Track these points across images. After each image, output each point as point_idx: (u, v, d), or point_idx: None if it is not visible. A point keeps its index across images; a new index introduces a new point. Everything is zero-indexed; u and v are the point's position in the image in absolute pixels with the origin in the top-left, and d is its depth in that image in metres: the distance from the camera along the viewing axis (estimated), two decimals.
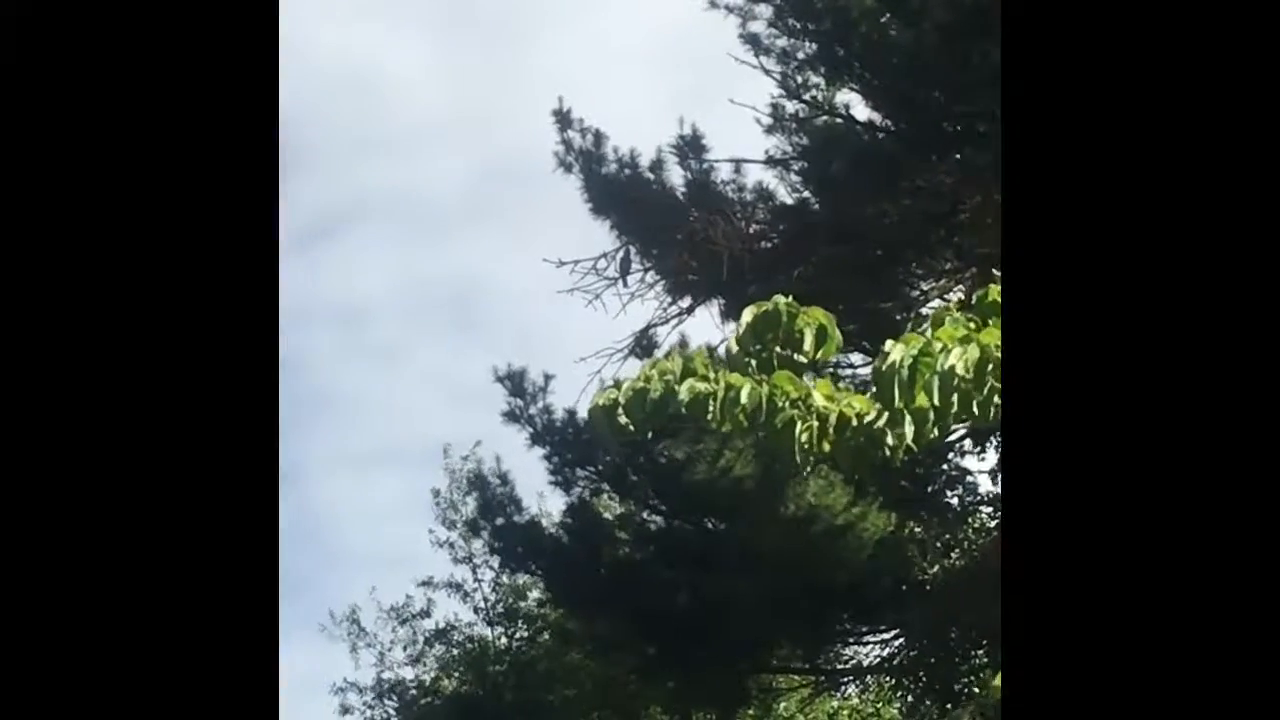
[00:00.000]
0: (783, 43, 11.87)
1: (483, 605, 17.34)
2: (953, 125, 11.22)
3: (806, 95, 11.98)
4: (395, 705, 17.48)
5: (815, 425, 3.40)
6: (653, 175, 11.51)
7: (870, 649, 12.65)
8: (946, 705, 11.81)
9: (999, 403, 3.30)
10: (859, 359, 11.23)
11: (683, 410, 3.49)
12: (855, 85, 11.70)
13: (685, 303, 11.17)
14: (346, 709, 17.77)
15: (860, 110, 11.73)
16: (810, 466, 3.42)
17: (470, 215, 31.92)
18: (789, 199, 11.64)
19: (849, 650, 12.80)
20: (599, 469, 12.22)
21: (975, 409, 3.32)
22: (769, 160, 11.60)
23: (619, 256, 11.21)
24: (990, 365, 3.25)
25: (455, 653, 17.42)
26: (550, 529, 12.74)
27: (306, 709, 18.12)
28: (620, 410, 3.54)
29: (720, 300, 10.94)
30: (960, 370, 3.28)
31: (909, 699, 12.91)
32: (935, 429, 3.38)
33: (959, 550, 12.44)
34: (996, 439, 10.34)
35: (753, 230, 10.84)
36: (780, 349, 3.55)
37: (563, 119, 11.84)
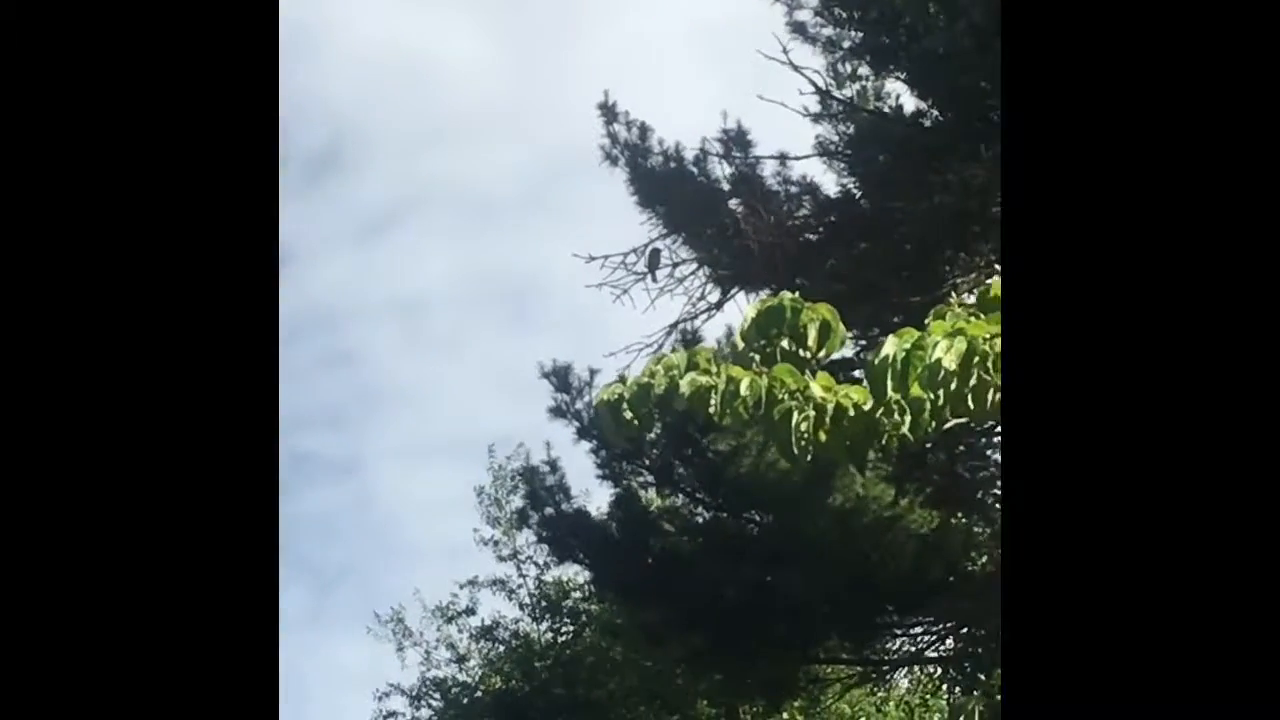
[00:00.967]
0: (829, 32, 11.85)
1: (528, 601, 17.37)
2: (997, 116, 11.17)
3: (853, 86, 11.95)
4: (441, 704, 17.52)
5: (812, 415, 3.42)
6: (696, 168, 11.52)
7: (918, 640, 12.63)
8: (993, 697, 11.76)
9: (990, 396, 3.31)
10: None
11: (685, 404, 3.52)
12: (901, 75, 11.67)
13: (714, 297, 11.18)
14: (391, 713, 17.81)
15: (907, 100, 11.71)
16: (810, 456, 3.43)
17: (527, 206, 32.02)
18: (834, 190, 11.63)
19: (896, 642, 12.76)
20: (646, 462, 12.26)
21: (970, 402, 3.33)
22: (814, 152, 11.57)
23: (648, 252, 11.22)
24: (976, 357, 3.27)
25: (501, 649, 17.47)
26: (598, 519, 12.79)
27: (355, 705, 18.19)
28: (625, 405, 3.57)
29: (754, 294, 10.94)
30: (947, 363, 3.30)
31: (957, 690, 12.87)
32: (932, 421, 3.40)
33: None
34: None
35: (791, 223, 10.82)
36: (785, 344, 3.58)
37: (608, 112, 11.87)
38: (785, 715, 14.73)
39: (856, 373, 10.23)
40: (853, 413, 3.41)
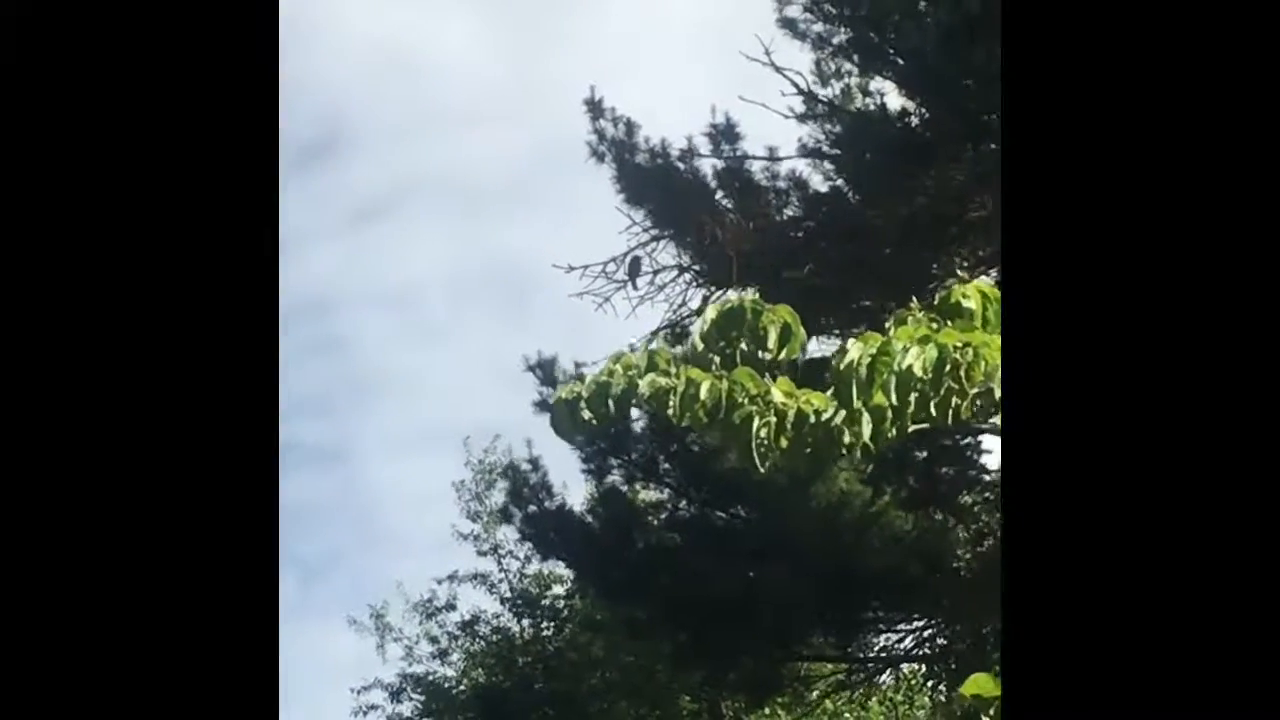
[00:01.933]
0: (819, 28, 11.85)
1: (509, 596, 17.34)
2: (986, 115, 11.16)
3: (840, 83, 11.96)
4: (424, 698, 17.47)
5: (773, 421, 3.42)
6: (683, 165, 11.53)
7: (903, 637, 12.65)
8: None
9: (956, 404, 3.31)
10: None
11: (644, 405, 3.52)
12: (889, 73, 11.68)
13: (695, 304, 11.18)
14: (372, 706, 17.76)
15: (893, 99, 11.71)
16: (768, 463, 3.43)
17: (519, 196, 32.01)
18: (820, 188, 11.63)
19: (881, 638, 12.79)
20: (631, 458, 12.27)
21: (933, 410, 3.33)
22: (798, 152, 11.58)
23: (628, 260, 11.22)
24: (948, 366, 3.26)
25: (482, 645, 17.44)
26: (582, 516, 12.80)
27: (340, 698, 18.15)
28: (583, 404, 3.56)
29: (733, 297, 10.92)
30: (918, 370, 3.29)
31: (942, 686, 12.89)
32: (893, 428, 3.39)
33: (992, 539, 12.41)
34: None
35: (776, 221, 10.82)
36: (745, 346, 3.57)
37: (594, 108, 11.86)
38: (767, 711, 14.75)
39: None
40: (814, 419, 3.41)
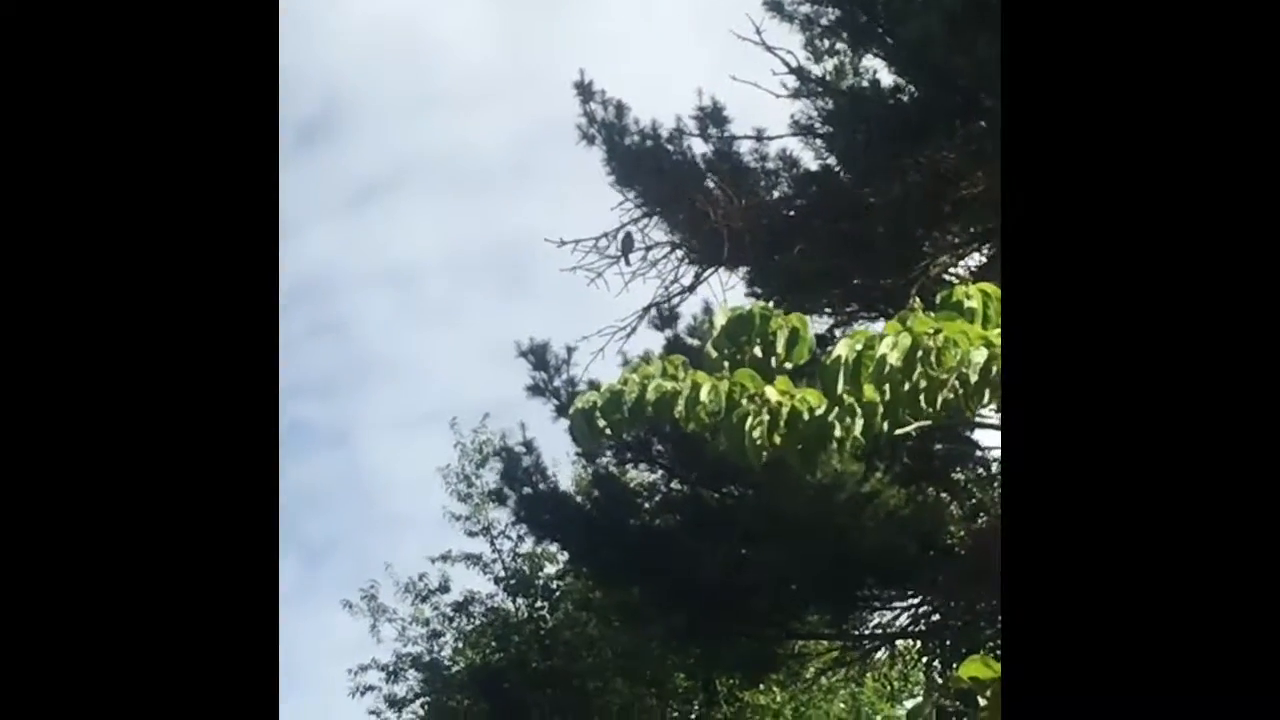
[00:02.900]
0: (806, 9, 11.84)
1: (502, 576, 17.37)
2: (976, 93, 11.16)
3: (832, 60, 11.94)
4: (420, 679, 17.51)
5: (767, 419, 3.46)
6: (672, 146, 11.52)
7: (898, 614, 12.69)
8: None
9: (940, 396, 3.33)
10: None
11: (652, 410, 3.57)
12: (879, 51, 11.66)
13: (687, 280, 11.20)
14: (369, 686, 17.78)
15: (885, 76, 11.70)
16: (764, 459, 3.47)
17: (518, 175, 31.97)
18: (814, 166, 11.63)
19: (876, 616, 12.83)
20: (624, 439, 12.27)
21: (922, 401, 3.35)
22: (791, 130, 11.58)
23: (621, 236, 11.24)
24: (920, 352, 3.30)
25: (477, 624, 17.47)
26: (576, 498, 12.82)
27: (342, 679, 18.17)
28: (598, 413, 3.63)
29: (729, 274, 10.95)
30: (893, 360, 3.33)
31: (937, 663, 12.94)
32: (884, 422, 3.43)
33: (986, 515, 12.44)
34: None
35: (766, 200, 10.82)
36: (756, 352, 3.63)
37: (584, 91, 11.85)
38: (763, 689, 14.81)
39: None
40: (807, 416, 3.44)
